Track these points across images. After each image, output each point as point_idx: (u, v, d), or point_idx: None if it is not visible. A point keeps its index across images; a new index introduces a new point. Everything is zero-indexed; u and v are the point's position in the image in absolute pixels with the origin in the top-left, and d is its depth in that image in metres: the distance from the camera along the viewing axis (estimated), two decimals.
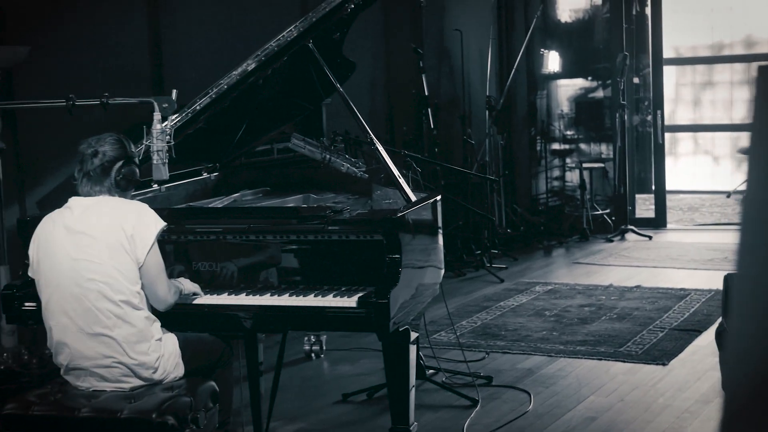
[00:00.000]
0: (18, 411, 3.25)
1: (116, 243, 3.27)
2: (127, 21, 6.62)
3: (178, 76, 6.76)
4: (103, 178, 3.34)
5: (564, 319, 6.52)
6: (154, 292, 3.35)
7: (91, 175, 3.34)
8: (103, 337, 3.27)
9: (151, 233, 3.31)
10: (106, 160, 3.34)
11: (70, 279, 3.27)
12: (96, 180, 3.34)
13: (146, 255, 3.29)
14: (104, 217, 3.30)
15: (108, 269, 3.26)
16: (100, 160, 3.33)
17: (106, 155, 3.34)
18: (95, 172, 3.34)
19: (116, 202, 3.36)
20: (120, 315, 3.27)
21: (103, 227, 3.28)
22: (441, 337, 6.18)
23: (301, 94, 4.57)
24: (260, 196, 4.58)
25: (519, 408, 4.82)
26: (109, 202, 3.35)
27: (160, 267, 3.35)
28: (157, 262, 3.33)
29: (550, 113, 10.59)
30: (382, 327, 3.46)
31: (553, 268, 8.53)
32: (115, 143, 3.37)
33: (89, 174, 3.34)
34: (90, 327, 3.27)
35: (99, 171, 3.34)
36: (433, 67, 9.62)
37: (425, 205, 3.90)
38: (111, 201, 3.35)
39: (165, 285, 3.37)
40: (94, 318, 3.26)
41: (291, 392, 5.17)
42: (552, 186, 10.46)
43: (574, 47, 10.64)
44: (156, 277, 3.33)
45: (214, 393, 3.38)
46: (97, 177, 3.34)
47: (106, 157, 3.34)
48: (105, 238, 3.27)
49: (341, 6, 4.12)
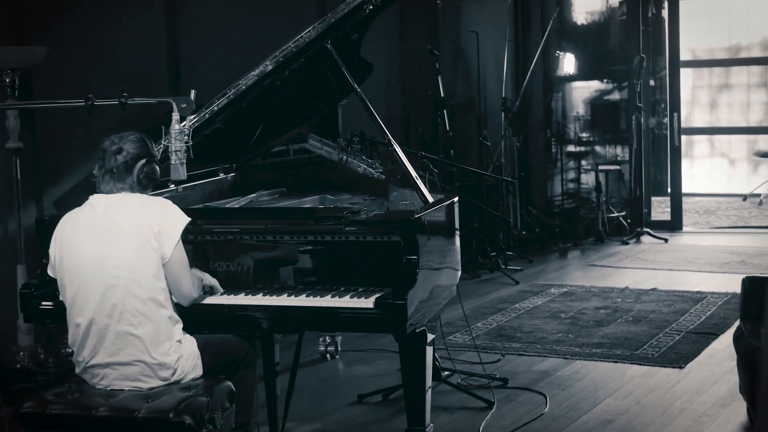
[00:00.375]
0: (36, 409, 3.27)
1: (142, 239, 3.28)
2: (145, 21, 6.64)
3: (195, 77, 6.77)
4: (125, 176, 3.35)
5: (580, 322, 6.50)
6: (178, 288, 3.36)
7: (114, 173, 3.35)
8: (128, 335, 3.28)
9: (177, 229, 3.33)
10: (129, 158, 3.35)
11: (95, 276, 3.28)
12: (118, 177, 3.35)
13: (172, 250, 3.30)
14: (129, 213, 3.31)
15: (134, 265, 3.27)
16: (123, 157, 3.35)
17: (130, 153, 3.35)
18: (118, 169, 3.35)
19: (140, 198, 3.38)
20: (145, 313, 3.28)
21: (129, 223, 3.29)
22: (456, 338, 6.17)
23: (317, 95, 4.57)
24: (277, 196, 4.58)
25: (535, 410, 4.81)
26: (132, 199, 3.36)
27: (184, 262, 3.37)
28: (181, 258, 3.35)
29: (566, 115, 10.57)
30: (399, 328, 3.46)
31: (569, 270, 8.51)
32: (137, 141, 3.39)
33: (111, 171, 3.35)
34: (115, 324, 3.28)
35: (122, 168, 3.35)
36: (449, 69, 9.61)
37: (443, 207, 3.90)
38: (135, 198, 3.37)
39: (189, 280, 3.39)
40: (119, 315, 3.27)
41: (306, 393, 5.17)
42: (567, 188, 10.44)
43: (590, 49, 10.62)
44: (180, 273, 3.35)
45: (231, 393, 3.39)
46: (120, 174, 3.35)
47: (129, 155, 3.35)
48: (130, 234, 3.28)
49: (360, 7, 4.12)
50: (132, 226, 3.29)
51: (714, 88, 12.95)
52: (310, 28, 4.07)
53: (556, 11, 10.02)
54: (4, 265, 5.59)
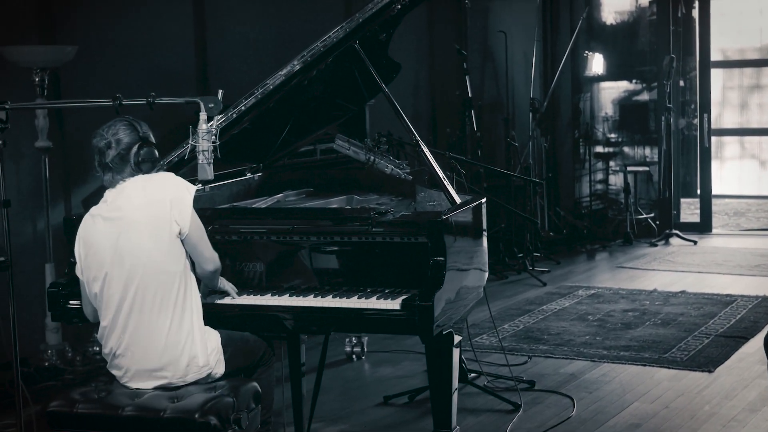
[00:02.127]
0: (63, 408, 3.27)
1: (155, 224, 3.29)
2: (174, 21, 6.66)
3: (223, 76, 6.78)
4: (123, 166, 3.35)
5: (607, 324, 6.45)
6: (200, 253, 3.38)
7: (111, 166, 3.35)
8: (151, 324, 3.28)
9: (187, 201, 3.35)
10: (122, 148, 3.34)
11: (116, 267, 3.29)
12: (117, 169, 3.36)
13: (189, 222, 3.33)
14: (136, 200, 3.32)
15: (152, 252, 3.28)
16: (115, 149, 3.34)
17: (121, 143, 3.34)
18: (114, 162, 3.35)
19: (142, 182, 3.36)
20: (166, 300, 3.28)
21: (139, 210, 3.30)
22: (483, 340, 6.14)
23: (345, 95, 4.56)
24: (303, 196, 4.57)
25: (562, 413, 4.77)
26: (136, 183, 3.35)
27: (202, 229, 3.39)
28: (198, 225, 3.38)
29: (594, 116, 10.51)
30: (425, 330, 3.43)
31: (596, 272, 8.45)
32: (126, 128, 3.37)
33: (108, 166, 3.35)
34: (137, 314, 3.28)
35: (117, 160, 3.35)
36: (477, 69, 9.58)
37: (470, 208, 3.87)
38: (137, 182, 3.36)
39: (207, 245, 3.41)
40: (140, 304, 3.28)
41: (333, 394, 5.16)
42: (596, 189, 10.38)
43: (619, 49, 10.56)
44: (200, 239, 3.38)
45: (257, 393, 3.38)
46: (117, 166, 3.35)
47: (121, 144, 3.34)
48: (143, 221, 3.29)
49: (388, 6, 4.09)
50: (143, 213, 3.30)
51: (745, 89, 12.83)
52: (338, 28, 4.06)
53: (584, 11, 9.97)
54: (33, 263, 5.62)
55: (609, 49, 10.50)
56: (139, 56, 6.28)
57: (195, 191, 3.40)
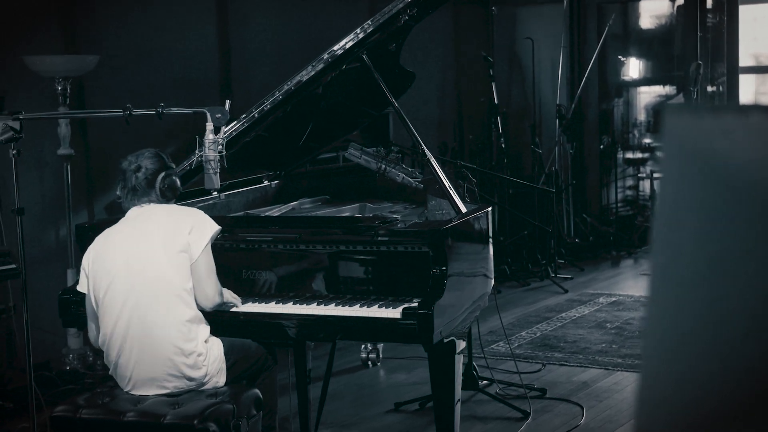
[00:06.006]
0: (67, 413, 3.35)
1: (172, 239, 3.38)
2: (197, 28, 6.73)
3: (246, 83, 6.85)
4: (149, 190, 3.48)
5: (625, 332, 6.44)
6: (203, 290, 3.44)
7: (137, 189, 3.48)
8: (154, 333, 3.35)
9: (207, 232, 3.44)
10: (150, 173, 3.49)
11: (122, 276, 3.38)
12: (142, 192, 3.48)
13: (201, 252, 3.40)
14: (161, 217, 3.44)
15: (162, 264, 3.37)
16: (143, 174, 3.48)
17: (149, 169, 3.49)
18: (140, 185, 3.47)
19: (170, 206, 3.52)
20: (171, 310, 3.35)
21: (159, 226, 3.41)
22: (499, 347, 6.15)
23: (365, 100, 4.59)
24: (318, 204, 4.62)
25: (570, 421, 4.78)
26: (163, 207, 3.50)
27: (211, 267, 3.46)
28: (208, 262, 3.44)
29: (625, 121, 10.47)
30: (425, 338, 3.47)
31: (620, 279, 8.42)
32: (153, 157, 3.52)
33: (135, 189, 3.48)
34: (141, 322, 3.35)
35: (144, 184, 3.48)
36: (504, 75, 9.59)
37: (474, 217, 3.90)
38: (165, 206, 3.50)
39: (214, 284, 3.47)
40: (143, 313, 3.35)
41: (345, 400, 5.21)
42: (624, 195, 10.34)
43: (653, 54, 10.53)
44: (206, 276, 3.44)
45: (258, 400, 3.44)
46: (143, 190, 3.48)
47: (149, 170, 3.49)
48: (160, 234, 3.39)
49: (396, 17, 4.13)
50: (162, 226, 3.41)
51: None
52: (350, 36, 4.09)
53: (611, 17, 9.94)
54: (56, 269, 5.72)
55: (644, 54, 10.48)
56: (162, 63, 6.37)
57: (218, 232, 3.48)
